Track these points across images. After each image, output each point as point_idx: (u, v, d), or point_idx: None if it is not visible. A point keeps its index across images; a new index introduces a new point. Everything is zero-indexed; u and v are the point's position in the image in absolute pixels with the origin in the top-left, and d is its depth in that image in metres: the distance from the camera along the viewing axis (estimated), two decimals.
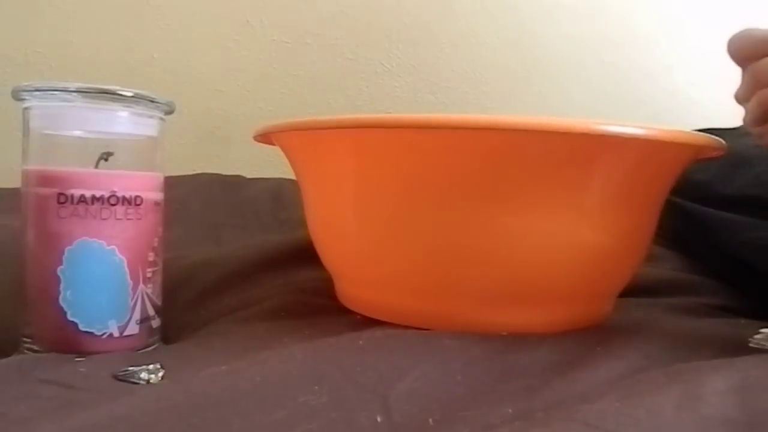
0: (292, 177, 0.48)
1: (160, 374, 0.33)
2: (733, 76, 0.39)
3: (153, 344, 0.40)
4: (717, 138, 0.39)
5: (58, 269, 0.36)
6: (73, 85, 0.36)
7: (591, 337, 0.38)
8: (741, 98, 0.38)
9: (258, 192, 0.80)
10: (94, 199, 0.37)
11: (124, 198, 0.37)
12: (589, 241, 0.38)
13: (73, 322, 0.37)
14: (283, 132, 0.42)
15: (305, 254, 0.51)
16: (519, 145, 0.35)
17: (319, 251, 0.47)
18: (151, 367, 0.33)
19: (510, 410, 0.28)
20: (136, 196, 0.38)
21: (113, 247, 0.37)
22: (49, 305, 0.36)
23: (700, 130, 0.39)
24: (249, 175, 0.87)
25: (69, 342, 0.37)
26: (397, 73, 1.06)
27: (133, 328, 0.38)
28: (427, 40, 1.06)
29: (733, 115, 0.45)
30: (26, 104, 0.38)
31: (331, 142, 0.40)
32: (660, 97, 1.10)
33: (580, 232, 0.38)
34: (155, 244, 0.40)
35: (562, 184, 0.36)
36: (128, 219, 0.38)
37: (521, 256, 0.38)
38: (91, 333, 0.37)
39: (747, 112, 0.37)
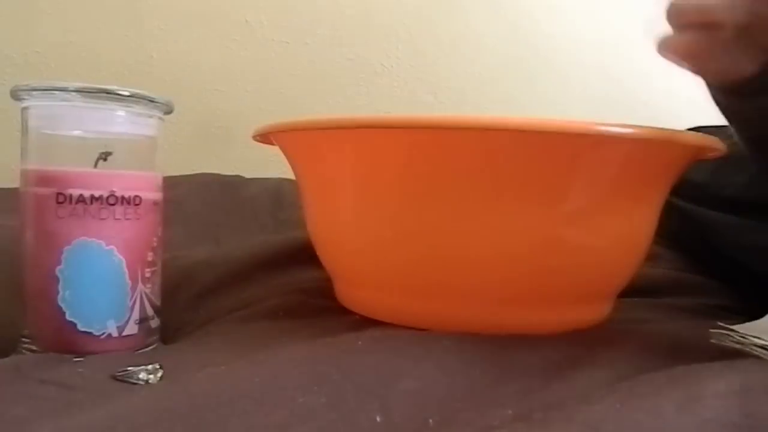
0: (292, 177, 0.48)
1: (159, 374, 0.33)
2: None
3: (152, 344, 0.40)
4: (715, 138, 0.39)
5: (57, 269, 0.36)
6: (72, 85, 0.36)
7: (591, 337, 0.38)
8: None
9: (257, 192, 0.80)
10: (92, 198, 0.36)
11: (122, 198, 0.37)
12: (588, 242, 0.38)
13: (71, 322, 0.36)
14: (283, 132, 0.42)
15: (304, 254, 0.51)
16: (517, 145, 0.35)
17: (318, 251, 0.46)
18: (149, 367, 0.33)
19: (510, 411, 0.28)
20: (135, 196, 0.38)
21: (112, 247, 0.37)
22: (47, 305, 0.36)
23: (695, 128, 0.39)
24: (248, 175, 0.87)
25: (68, 342, 0.36)
26: (397, 74, 1.06)
27: (131, 328, 0.38)
28: (426, 41, 1.06)
29: None
30: (25, 104, 0.38)
31: (331, 143, 0.40)
32: (660, 97, 1.10)
33: (579, 232, 0.38)
34: (154, 244, 0.40)
35: (561, 185, 0.36)
36: (127, 219, 0.38)
37: (520, 256, 0.38)
38: (90, 333, 0.37)
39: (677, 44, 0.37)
